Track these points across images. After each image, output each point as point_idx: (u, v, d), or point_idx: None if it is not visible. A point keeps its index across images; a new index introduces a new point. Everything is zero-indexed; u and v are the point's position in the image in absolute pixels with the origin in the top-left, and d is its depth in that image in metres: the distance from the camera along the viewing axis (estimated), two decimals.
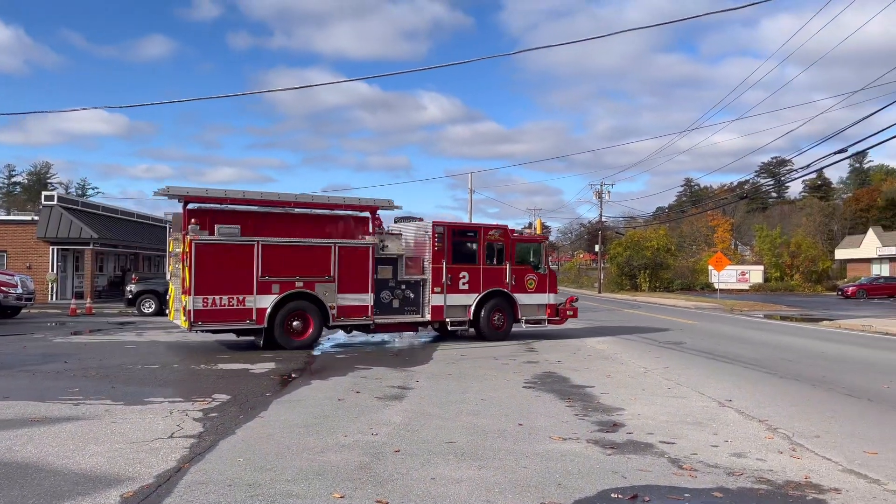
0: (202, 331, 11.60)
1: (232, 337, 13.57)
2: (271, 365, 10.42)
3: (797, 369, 10.95)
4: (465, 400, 7.88)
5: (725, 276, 53.79)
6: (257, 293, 12.02)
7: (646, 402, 7.93)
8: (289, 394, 8.07)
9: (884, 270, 53.89)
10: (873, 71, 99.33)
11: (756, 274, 57.66)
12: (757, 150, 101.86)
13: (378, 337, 15.19)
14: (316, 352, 12.23)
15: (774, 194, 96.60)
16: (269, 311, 12.06)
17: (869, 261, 56.42)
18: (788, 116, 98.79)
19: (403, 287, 13.75)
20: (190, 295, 11.56)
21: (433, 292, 13.98)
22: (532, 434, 6.32)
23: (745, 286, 56.38)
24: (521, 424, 6.69)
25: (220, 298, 11.79)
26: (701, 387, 9.04)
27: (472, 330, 14.56)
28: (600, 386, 9.00)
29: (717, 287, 48.42)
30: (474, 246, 14.61)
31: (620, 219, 64.59)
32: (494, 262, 14.65)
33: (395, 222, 14.50)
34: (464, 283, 14.46)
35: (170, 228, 12.80)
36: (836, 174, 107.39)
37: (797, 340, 16.11)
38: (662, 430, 6.59)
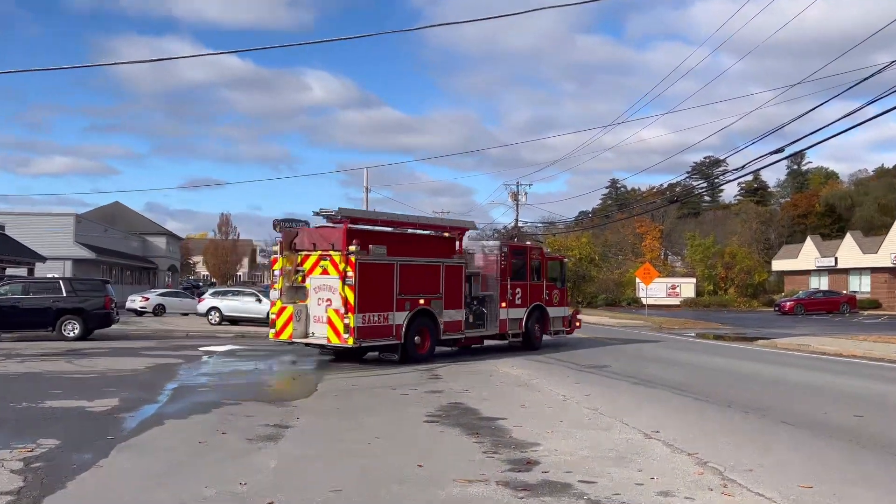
0: (362, 347, 15.26)
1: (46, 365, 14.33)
2: (114, 401, 10.11)
3: (730, 394, 11.63)
4: (356, 439, 7.81)
5: (654, 290, 56.43)
6: (396, 310, 15.93)
7: (564, 434, 8.15)
8: (137, 437, 7.79)
9: (822, 283, 57.11)
10: (812, 62, 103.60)
11: (687, 287, 61.49)
12: (688, 149, 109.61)
13: (250, 363, 15.82)
14: (172, 383, 12.26)
15: (707, 198, 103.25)
16: (404, 326, 16.02)
17: (807, 273, 59.49)
18: (723, 111, 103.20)
19: (476, 303, 18.24)
20: (354, 312, 15.16)
21: (501, 307, 18.72)
22: (434, 477, 6.28)
23: (675, 301, 59.95)
24: (420, 466, 6.66)
25: (373, 315, 15.55)
26: (625, 416, 9.43)
27: (502, 341, 19.37)
28: (513, 418, 9.17)
29: (644, 302, 50.54)
30: (523, 264, 19.63)
31: (539, 224, 67.01)
32: (535, 278, 19.92)
33: (316, 228, 16.80)
34: (518, 299, 19.43)
35: (277, 245, 16.48)
36: (774, 176, 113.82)
37: (731, 362, 17.05)
38: (582, 467, 6.73)
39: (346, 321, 15.44)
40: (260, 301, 30.20)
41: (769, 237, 74.41)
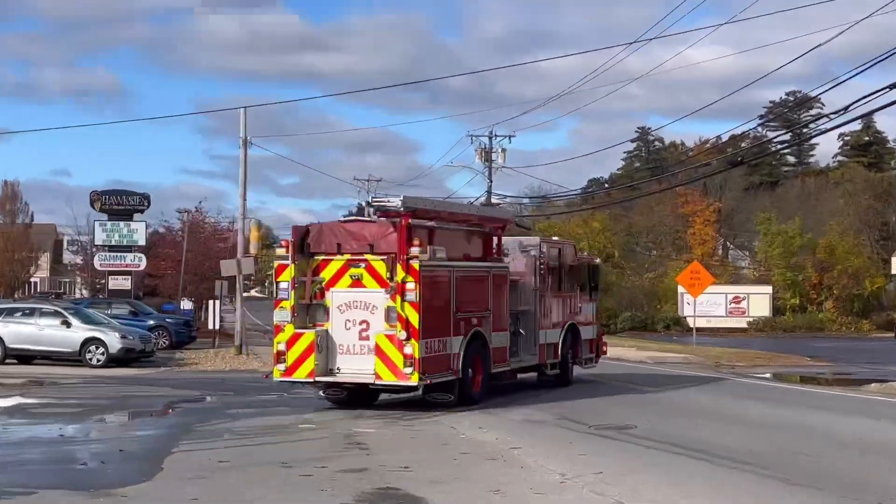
0: (427, 386, 17.78)
1: None
2: None
3: (823, 471, 11.91)
4: None
5: (707, 305, 57.34)
6: (452, 334, 18.13)
7: None
8: None
9: None
10: None
11: (759, 301, 62.35)
12: (762, 80, 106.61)
13: (52, 425, 16.20)
14: None
15: (792, 158, 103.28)
16: (461, 356, 18.32)
17: None
18: (815, 19, 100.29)
19: (516, 321, 20.69)
20: (419, 338, 17.05)
21: (541, 326, 21.44)
22: None
23: (740, 322, 60.94)
24: None
25: (433, 342, 17.60)
26: None
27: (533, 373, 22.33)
28: None
29: (691, 324, 50.46)
30: (559, 267, 22.40)
31: (525, 200, 66.86)
32: (569, 287, 22.73)
33: (342, 223, 19.20)
34: (554, 315, 22.08)
35: (284, 247, 18.55)
36: None
37: (826, 419, 17.66)
38: None
39: (408, 350, 17.25)
40: (68, 325, 29.63)
41: (887, 221, 72.65)
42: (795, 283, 64.15)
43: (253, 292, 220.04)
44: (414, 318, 17.24)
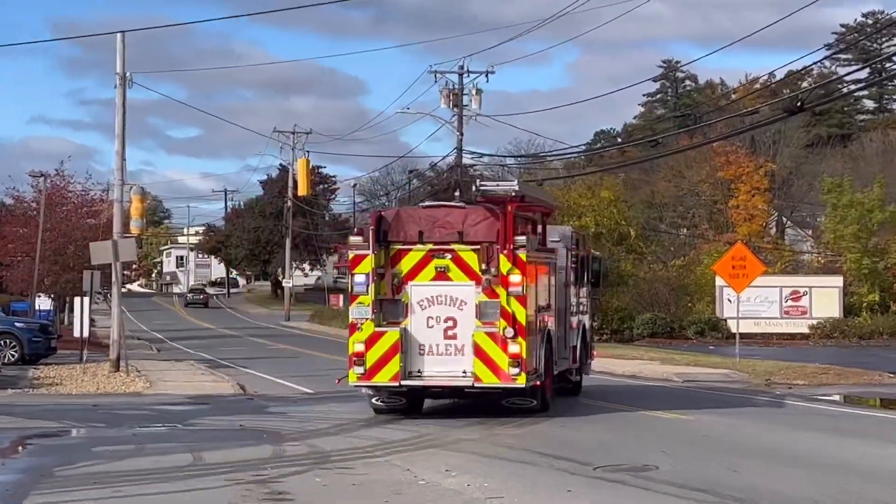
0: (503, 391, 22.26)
1: None
2: None
3: None
4: None
5: (755, 302, 58.17)
6: (538, 332, 22.50)
7: None
8: None
9: None
10: None
11: (826, 297, 61.85)
12: None
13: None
14: None
15: (870, 103, 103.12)
16: (543, 356, 22.73)
17: None
18: None
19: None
20: (526, 336, 21.04)
21: (570, 326, 25.51)
22: None
23: (800, 326, 60.96)
24: None
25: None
26: None
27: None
28: None
29: (734, 329, 51.37)
30: (581, 260, 26.93)
31: (508, 161, 66.83)
32: (584, 283, 27.23)
33: (425, 207, 23.42)
34: (576, 315, 26.47)
35: (363, 235, 22.26)
36: None
37: None
38: None
39: (514, 349, 20.92)
40: None
41: None
42: (875, 273, 64.31)
43: (135, 286, 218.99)
44: (521, 315, 20.93)
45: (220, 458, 17.34)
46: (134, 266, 79.94)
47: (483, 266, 20.96)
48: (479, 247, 20.97)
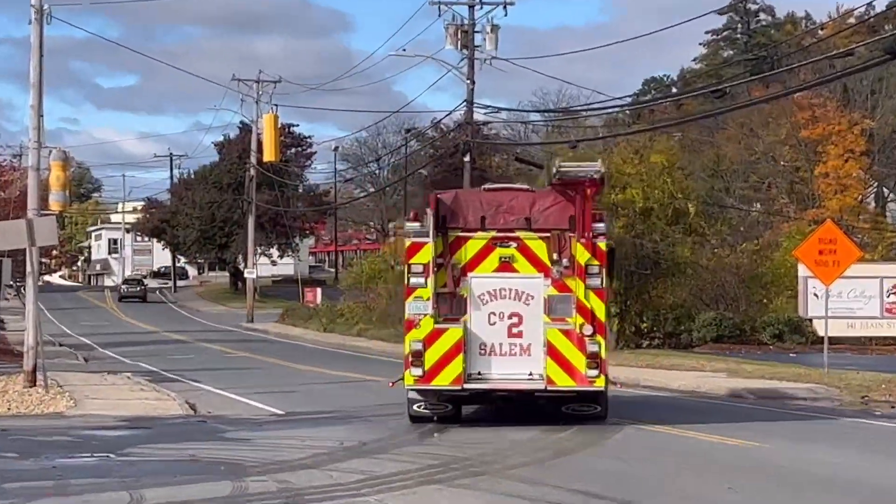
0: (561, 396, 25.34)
1: None
2: None
3: None
4: None
5: (848, 297, 57.46)
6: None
7: None
8: None
9: None
10: None
11: None
12: None
13: None
14: None
15: None
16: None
17: None
18: None
19: None
20: (605, 334, 24.20)
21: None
22: None
23: None
24: None
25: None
26: None
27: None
28: None
29: (819, 330, 51.79)
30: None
31: (532, 117, 66.62)
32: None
33: (487, 190, 26.11)
34: (599, 314, 25.86)
35: (420, 220, 24.85)
36: None
37: None
38: None
39: (592, 349, 23.81)
40: None
41: None
42: None
43: (56, 277, 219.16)
44: (600, 310, 23.90)
45: (165, 496, 17.29)
46: (54, 252, 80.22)
47: (554, 256, 23.45)
48: (548, 235, 23.39)
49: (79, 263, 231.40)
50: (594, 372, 23.45)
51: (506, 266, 23.71)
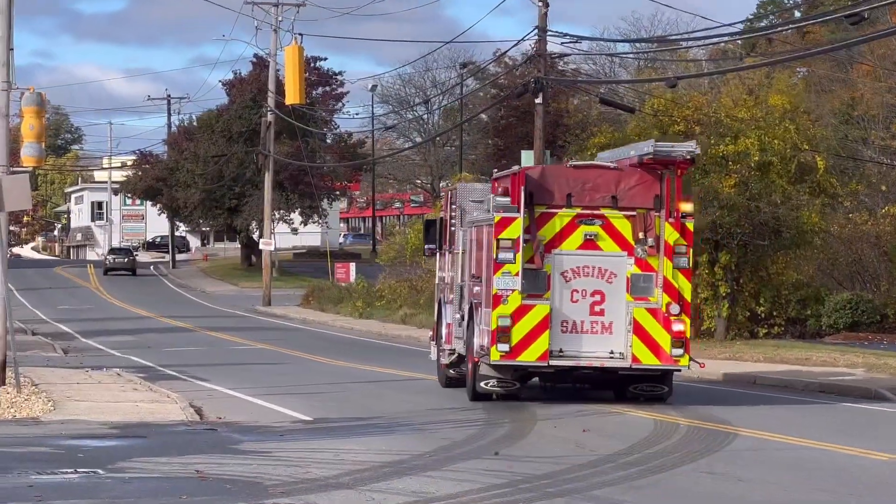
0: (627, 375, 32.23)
1: None
2: None
3: None
4: None
5: None
6: None
7: None
8: None
9: None
10: None
11: None
12: None
13: None
14: None
15: None
16: None
17: None
18: None
19: None
20: (690, 314, 29.95)
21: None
22: None
23: None
24: None
25: None
26: None
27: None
28: None
29: None
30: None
31: (618, 47, 66.35)
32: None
33: (573, 167, 33.31)
34: None
35: (509, 195, 30.71)
36: None
37: None
38: None
39: (678, 328, 29.87)
40: None
41: None
42: None
43: (28, 249, 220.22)
44: (687, 290, 29.81)
45: None
46: (26, 218, 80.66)
47: (639, 235, 28.63)
48: (633, 213, 28.60)
49: (55, 232, 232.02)
50: (679, 351, 29.53)
51: (590, 243, 29.14)
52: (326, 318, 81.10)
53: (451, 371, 37.84)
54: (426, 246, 43.32)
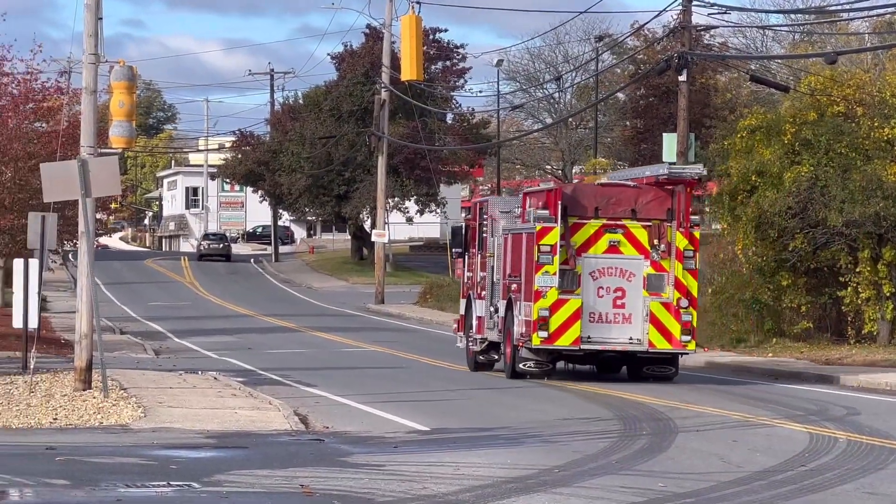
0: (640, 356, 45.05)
1: None
2: None
3: None
4: None
5: None
6: None
7: None
8: None
9: None
10: None
11: None
12: None
13: None
14: None
15: None
16: None
17: None
18: None
19: None
20: (697, 307, 43.64)
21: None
22: None
23: None
24: None
25: None
26: None
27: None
28: None
29: None
30: None
31: (774, 19, 65.83)
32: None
33: (600, 185, 47.86)
34: None
35: (549, 207, 42.22)
36: None
37: None
38: None
39: (686, 318, 41.00)
40: None
41: None
42: None
43: (115, 239, 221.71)
44: (693, 287, 40.67)
45: None
46: (114, 205, 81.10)
47: (654, 242, 36.29)
48: (650, 224, 36.37)
49: (146, 221, 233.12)
50: (687, 337, 40.82)
51: (613, 248, 38.57)
52: (446, 317, 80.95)
53: (480, 357, 48.78)
54: (453, 250, 57.37)
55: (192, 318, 78.12)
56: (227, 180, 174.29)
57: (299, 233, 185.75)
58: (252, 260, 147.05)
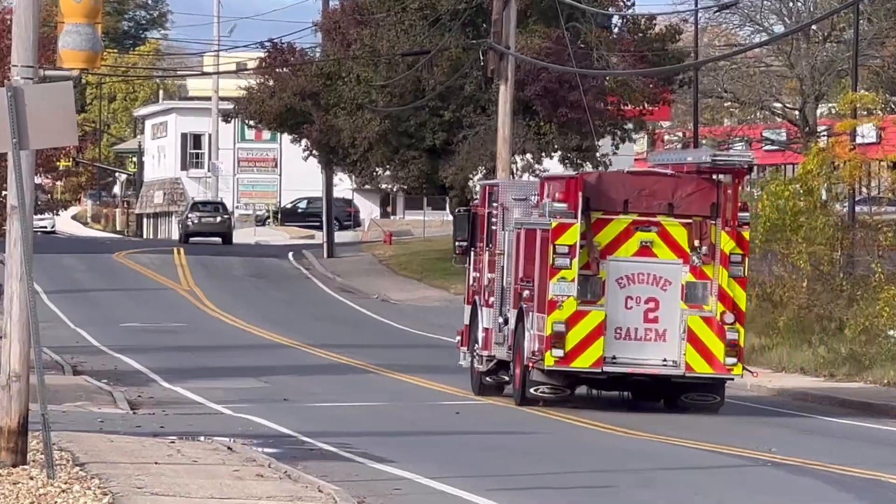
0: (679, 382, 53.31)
1: None
2: None
3: None
4: None
5: None
6: None
7: None
8: None
9: None
10: None
11: None
12: None
13: None
14: None
15: None
16: None
17: None
18: None
19: None
20: (744, 323, 52.61)
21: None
22: None
23: None
24: None
25: None
26: None
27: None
28: None
29: None
30: None
31: None
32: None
33: (630, 173, 57.07)
34: None
35: (568, 200, 49.70)
36: None
37: None
38: None
39: (732, 336, 48.36)
40: None
41: None
42: None
43: (67, 219, 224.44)
44: (741, 299, 45.71)
45: None
46: (65, 161, 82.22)
47: (695, 243, 39.85)
48: (689, 221, 39.66)
49: (116, 190, 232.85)
50: (732, 360, 44.05)
51: (645, 250, 41.61)
52: None
53: (487, 378, 56.42)
54: (456, 242, 63.33)
55: (192, 350, 79.12)
56: (252, 123, 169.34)
57: (367, 209, 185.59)
58: (290, 254, 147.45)
